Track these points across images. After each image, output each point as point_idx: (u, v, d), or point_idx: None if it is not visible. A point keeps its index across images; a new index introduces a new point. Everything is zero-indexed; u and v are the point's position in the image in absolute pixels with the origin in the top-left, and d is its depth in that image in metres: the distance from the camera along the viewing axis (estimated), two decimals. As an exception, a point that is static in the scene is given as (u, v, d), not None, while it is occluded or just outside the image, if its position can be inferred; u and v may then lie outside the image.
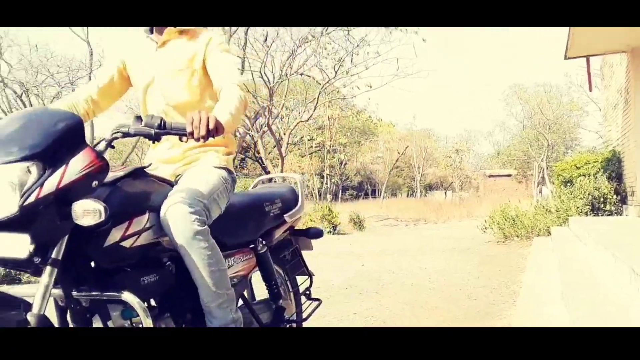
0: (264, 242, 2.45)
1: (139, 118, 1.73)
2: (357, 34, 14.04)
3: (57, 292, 1.64)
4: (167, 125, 1.70)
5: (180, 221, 1.81)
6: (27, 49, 16.71)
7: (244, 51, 13.26)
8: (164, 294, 1.89)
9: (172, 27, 2.17)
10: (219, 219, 2.06)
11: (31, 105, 17.34)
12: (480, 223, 10.34)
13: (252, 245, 2.42)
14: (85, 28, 15.47)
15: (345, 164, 35.61)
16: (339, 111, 16.76)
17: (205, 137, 1.70)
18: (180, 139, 1.76)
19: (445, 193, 44.83)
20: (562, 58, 9.71)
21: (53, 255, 1.51)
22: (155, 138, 1.71)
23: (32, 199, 1.44)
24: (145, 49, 2.22)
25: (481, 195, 36.25)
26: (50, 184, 1.48)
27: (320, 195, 29.94)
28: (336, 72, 13.70)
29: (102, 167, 1.61)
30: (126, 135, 1.72)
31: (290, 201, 2.65)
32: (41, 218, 1.47)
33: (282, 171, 15.18)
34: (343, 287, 5.63)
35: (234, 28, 13.14)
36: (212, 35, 2.21)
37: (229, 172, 2.20)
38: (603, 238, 5.22)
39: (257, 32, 14.02)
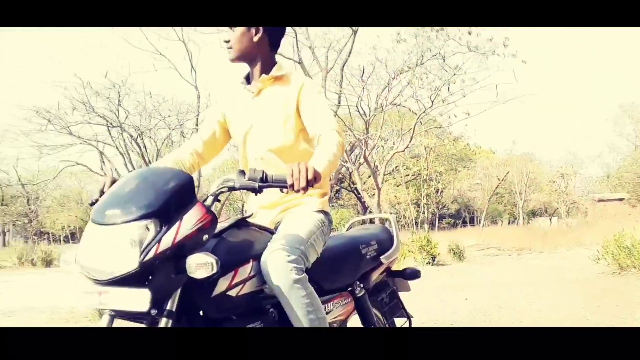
0: (361, 285, 2.46)
1: (242, 172, 1.82)
2: (452, 61, 13.92)
3: None
4: (269, 178, 1.77)
5: (279, 269, 1.87)
6: (142, 95, 18.12)
7: (341, 87, 13.60)
8: None
9: (266, 75, 2.25)
10: (316, 264, 2.10)
11: (145, 147, 18.74)
12: (591, 252, 9.76)
13: (350, 289, 2.43)
14: (193, 72, 16.59)
15: (442, 191, 34.98)
16: (435, 140, 16.63)
17: (305, 189, 1.74)
18: (281, 190, 1.82)
19: (550, 219, 42.59)
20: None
21: (168, 307, 1.61)
22: (259, 191, 1.79)
23: (151, 255, 1.55)
24: (242, 99, 2.31)
25: (590, 221, 34.07)
26: (167, 240, 1.58)
27: (416, 224, 29.54)
28: (432, 102, 13.65)
29: (212, 220, 1.71)
30: (231, 189, 1.82)
31: (385, 242, 2.66)
32: (159, 273, 1.58)
33: (379, 201, 15.22)
34: (447, 323, 5.53)
35: (330, 65, 13.53)
36: (305, 80, 2.27)
37: (326, 214, 2.25)
38: None
39: (353, 68, 14.35)
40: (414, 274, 2.82)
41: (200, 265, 1.60)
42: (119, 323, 1.65)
